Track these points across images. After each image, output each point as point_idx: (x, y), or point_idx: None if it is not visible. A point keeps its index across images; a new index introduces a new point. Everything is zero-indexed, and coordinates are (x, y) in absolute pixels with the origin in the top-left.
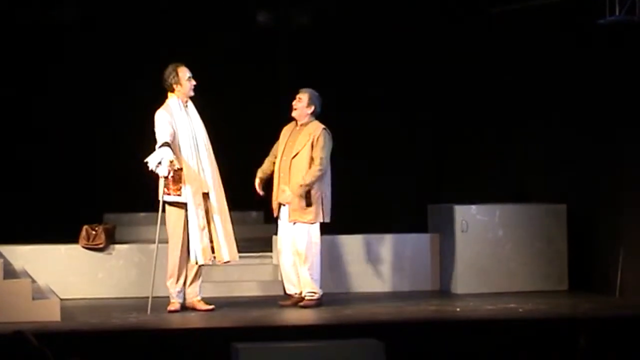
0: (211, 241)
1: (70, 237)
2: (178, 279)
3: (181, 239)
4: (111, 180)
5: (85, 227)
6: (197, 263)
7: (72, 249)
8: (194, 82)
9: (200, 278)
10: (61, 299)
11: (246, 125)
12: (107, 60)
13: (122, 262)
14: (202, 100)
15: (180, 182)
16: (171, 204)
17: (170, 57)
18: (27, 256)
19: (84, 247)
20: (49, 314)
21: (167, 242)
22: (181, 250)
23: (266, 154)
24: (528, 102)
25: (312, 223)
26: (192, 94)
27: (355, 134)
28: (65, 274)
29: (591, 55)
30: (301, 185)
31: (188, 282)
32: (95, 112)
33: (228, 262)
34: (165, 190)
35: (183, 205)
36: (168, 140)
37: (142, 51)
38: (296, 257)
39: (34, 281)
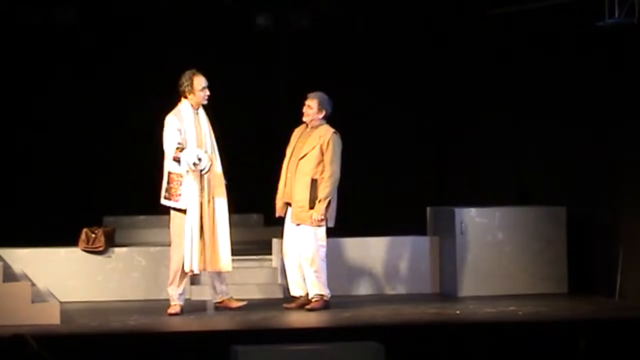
0: (205, 250)
1: (69, 240)
2: (180, 283)
3: (182, 244)
4: (111, 183)
5: (84, 230)
6: (192, 271)
7: (71, 252)
8: (207, 93)
9: (226, 278)
10: (61, 302)
11: (246, 128)
12: (107, 63)
13: (122, 265)
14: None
15: (180, 189)
16: (175, 208)
17: (169, 60)
18: (26, 259)
19: (83, 250)
20: (49, 317)
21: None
22: (182, 255)
23: (267, 157)
24: (528, 104)
25: (318, 226)
26: (204, 102)
27: (354, 136)
28: (65, 277)
29: (590, 57)
30: (320, 201)
31: (218, 283)
32: (96, 115)
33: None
34: (167, 194)
35: (184, 212)
36: (178, 146)
37: (141, 54)
38: (303, 261)
39: (33, 284)
